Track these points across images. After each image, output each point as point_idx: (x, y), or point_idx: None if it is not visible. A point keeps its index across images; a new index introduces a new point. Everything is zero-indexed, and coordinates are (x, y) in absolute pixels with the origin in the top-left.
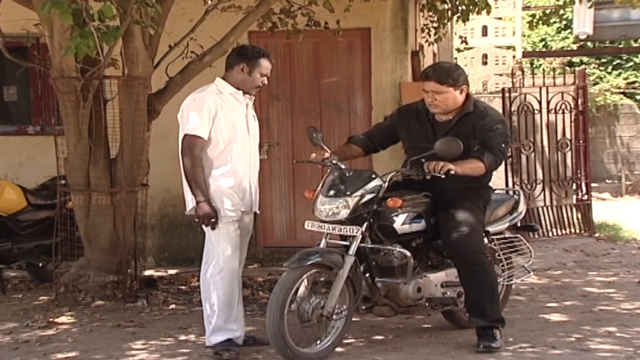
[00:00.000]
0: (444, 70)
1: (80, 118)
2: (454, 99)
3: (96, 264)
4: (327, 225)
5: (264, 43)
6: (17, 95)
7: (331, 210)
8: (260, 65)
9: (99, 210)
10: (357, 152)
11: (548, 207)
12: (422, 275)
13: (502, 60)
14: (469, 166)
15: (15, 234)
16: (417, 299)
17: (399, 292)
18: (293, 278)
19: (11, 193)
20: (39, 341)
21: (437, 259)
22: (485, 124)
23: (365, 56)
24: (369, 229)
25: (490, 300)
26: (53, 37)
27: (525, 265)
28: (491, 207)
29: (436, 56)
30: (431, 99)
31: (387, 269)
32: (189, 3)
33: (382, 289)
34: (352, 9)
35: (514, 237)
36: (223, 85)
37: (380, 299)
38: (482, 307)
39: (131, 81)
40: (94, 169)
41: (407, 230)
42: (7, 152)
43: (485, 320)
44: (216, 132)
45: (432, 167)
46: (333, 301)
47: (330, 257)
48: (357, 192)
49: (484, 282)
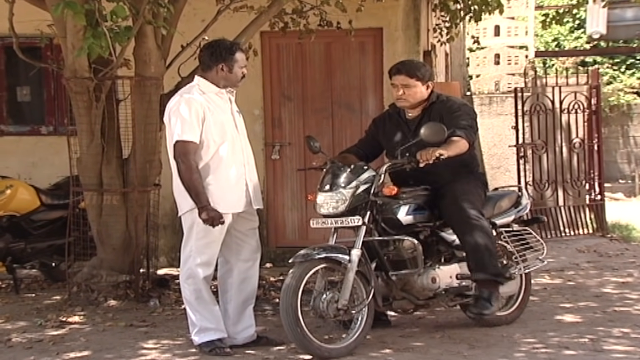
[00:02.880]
0: (412, 65)
1: (92, 118)
2: (420, 93)
3: (109, 263)
4: (330, 220)
5: (276, 43)
6: (31, 95)
7: (330, 205)
8: (237, 60)
9: (112, 210)
10: (354, 160)
11: (561, 207)
12: (435, 267)
13: (514, 60)
14: (454, 145)
15: (29, 234)
16: (433, 290)
17: (415, 284)
18: (299, 273)
19: (24, 193)
20: (52, 340)
21: (448, 252)
22: (449, 108)
23: (377, 56)
24: (374, 223)
25: (488, 253)
26: (66, 38)
27: (539, 257)
28: (494, 199)
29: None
30: (401, 92)
31: (399, 262)
32: (201, 3)
33: (397, 282)
34: (364, 8)
35: (522, 229)
36: (206, 86)
37: (398, 292)
38: (481, 260)
39: (143, 81)
40: (107, 169)
41: (412, 221)
42: (20, 152)
43: (485, 273)
44: (207, 135)
45: (424, 155)
46: (346, 294)
47: (336, 252)
48: (351, 184)
49: (481, 236)
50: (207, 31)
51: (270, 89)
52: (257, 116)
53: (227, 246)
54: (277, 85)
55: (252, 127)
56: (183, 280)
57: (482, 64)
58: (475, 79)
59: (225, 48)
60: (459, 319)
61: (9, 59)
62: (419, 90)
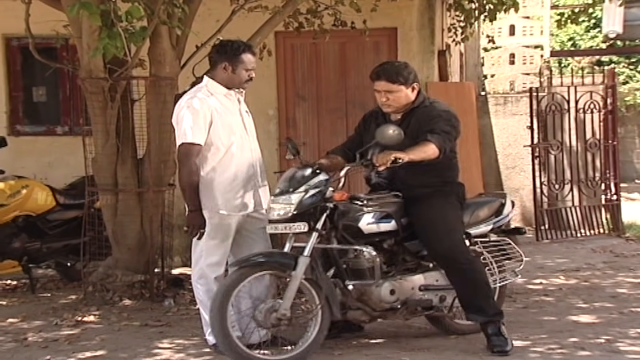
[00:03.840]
0: (394, 69)
1: (108, 118)
2: (406, 97)
3: (124, 263)
4: (280, 225)
5: (291, 43)
6: (46, 95)
7: (278, 210)
8: (242, 62)
9: (127, 210)
10: (340, 162)
11: (576, 207)
12: (396, 278)
13: (529, 59)
14: (419, 150)
15: (44, 234)
16: (391, 302)
17: (372, 295)
18: (233, 279)
19: (40, 193)
20: (68, 340)
21: (413, 262)
22: (428, 114)
23: (392, 56)
24: (334, 230)
25: (485, 295)
26: (81, 38)
27: (515, 269)
28: (471, 208)
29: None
30: (384, 99)
31: (357, 271)
32: (215, 3)
33: (353, 292)
34: (378, 8)
35: (501, 240)
36: (213, 86)
37: (353, 302)
38: (478, 304)
39: (158, 81)
40: (122, 169)
41: (375, 230)
42: (36, 152)
43: (483, 316)
44: (215, 137)
45: (380, 158)
46: (287, 303)
47: (279, 259)
48: (300, 188)
49: (473, 279)
50: (221, 31)
51: (285, 89)
52: (271, 116)
53: (238, 246)
54: (292, 85)
55: (266, 127)
56: (195, 280)
57: (497, 63)
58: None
59: (232, 47)
60: None
61: (25, 59)
62: (403, 95)
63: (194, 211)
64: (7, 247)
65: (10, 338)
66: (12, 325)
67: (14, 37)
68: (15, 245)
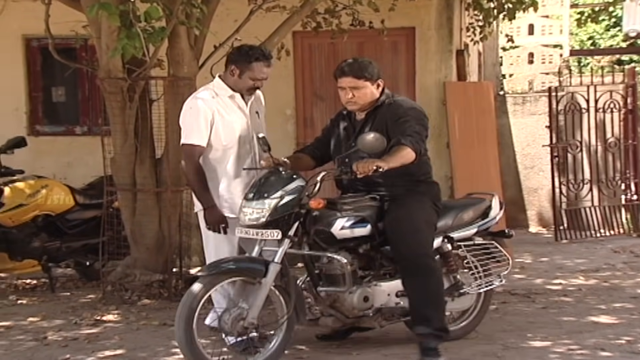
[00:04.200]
0: (359, 64)
1: (126, 118)
2: (371, 94)
3: (142, 263)
4: (252, 230)
5: (308, 43)
6: (65, 96)
7: (251, 214)
8: (251, 69)
9: (145, 210)
10: (308, 162)
11: (596, 207)
12: (371, 284)
13: (548, 59)
14: (397, 155)
15: (64, 233)
16: (364, 309)
17: (345, 302)
18: (202, 286)
19: (59, 193)
20: (87, 339)
21: (390, 267)
22: (394, 113)
23: (410, 56)
24: (306, 235)
25: (436, 307)
26: (101, 39)
27: (500, 274)
28: (455, 210)
29: (481, 55)
30: (350, 95)
31: (330, 277)
32: (234, 3)
33: (326, 298)
34: (396, 8)
35: (487, 243)
36: (220, 87)
37: (326, 309)
38: (426, 314)
39: (177, 81)
40: (140, 169)
41: (349, 236)
42: (55, 152)
43: (428, 328)
44: (216, 137)
45: (360, 167)
46: (255, 312)
47: (248, 266)
48: (275, 194)
49: (429, 286)
50: (239, 31)
51: (303, 88)
52: (289, 116)
53: (246, 246)
54: (309, 85)
55: (284, 126)
56: None
57: (516, 63)
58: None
59: (244, 53)
60: (493, 319)
61: (45, 59)
62: (369, 92)
63: (209, 207)
64: (27, 246)
65: (30, 337)
66: (32, 324)
67: (34, 37)
68: (35, 244)
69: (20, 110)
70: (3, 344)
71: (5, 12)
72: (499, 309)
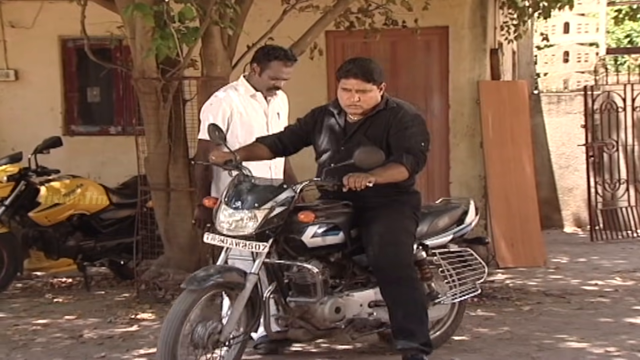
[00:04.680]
0: (367, 66)
1: (160, 118)
2: (375, 98)
3: (175, 262)
4: (230, 239)
5: (341, 42)
6: (100, 96)
7: (236, 223)
8: (270, 68)
9: (178, 209)
10: (264, 152)
11: (632, 207)
12: (343, 294)
13: (584, 57)
14: (389, 173)
15: (98, 232)
16: (335, 321)
17: (315, 313)
18: (189, 301)
19: (94, 192)
20: (122, 337)
21: (363, 276)
22: (399, 120)
23: (443, 55)
24: (274, 242)
25: (420, 321)
26: (135, 39)
27: (476, 282)
28: (430, 217)
29: (515, 54)
30: (355, 99)
31: (300, 287)
32: (267, 3)
33: (295, 309)
34: (430, 7)
35: (463, 250)
36: (243, 86)
37: (295, 320)
38: (410, 327)
39: (210, 81)
40: (174, 169)
41: (320, 244)
42: (90, 151)
43: (413, 342)
44: (232, 134)
45: (351, 181)
46: (232, 326)
47: (232, 276)
48: (266, 205)
49: (412, 298)
50: (272, 31)
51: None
52: None
53: None
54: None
55: None
56: None
57: (551, 61)
58: (543, 77)
59: (265, 51)
60: (527, 320)
61: (80, 60)
62: (374, 96)
63: (200, 205)
64: (62, 245)
65: (66, 335)
66: (68, 322)
67: (70, 38)
68: (70, 243)
69: (56, 111)
70: (41, 342)
71: (41, 13)
72: (533, 309)
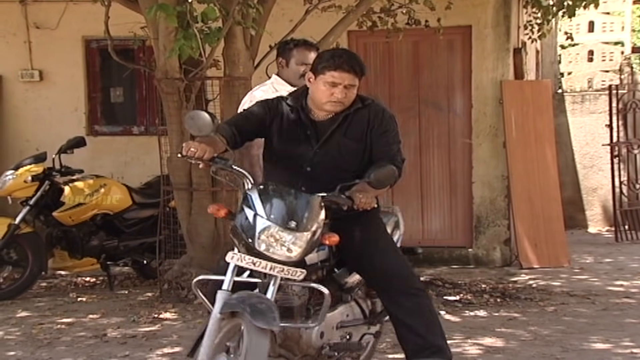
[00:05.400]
0: (358, 59)
1: (183, 118)
2: (354, 94)
3: (198, 261)
4: (264, 262)
5: (364, 42)
6: (123, 96)
7: (284, 246)
8: (294, 55)
9: (201, 209)
10: (221, 146)
11: None
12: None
13: (609, 56)
14: (386, 185)
15: (121, 232)
16: (319, 347)
17: (300, 340)
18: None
19: (117, 192)
20: (145, 336)
21: (336, 294)
22: (380, 121)
23: (466, 54)
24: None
25: (441, 332)
26: (158, 39)
27: None
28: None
29: (539, 53)
30: (343, 95)
31: (286, 310)
32: (289, 3)
33: (279, 335)
34: (453, 6)
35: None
36: (278, 83)
37: (275, 349)
38: (438, 343)
39: (232, 81)
40: (196, 169)
41: (315, 260)
42: (113, 151)
43: (444, 358)
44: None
45: (363, 200)
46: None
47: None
48: (313, 226)
49: (430, 310)
50: (295, 31)
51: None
52: None
53: None
54: (364, 84)
55: None
56: None
57: (575, 61)
58: (567, 77)
59: (285, 43)
60: (551, 321)
61: (104, 60)
62: (355, 92)
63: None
64: (86, 244)
65: (90, 334)
66: (92, 321)
67: (94, 39)
68: (94, 243)
69: (80, 111)
70: (65, 340)
71: (65, 14)
72: (557, 310)
